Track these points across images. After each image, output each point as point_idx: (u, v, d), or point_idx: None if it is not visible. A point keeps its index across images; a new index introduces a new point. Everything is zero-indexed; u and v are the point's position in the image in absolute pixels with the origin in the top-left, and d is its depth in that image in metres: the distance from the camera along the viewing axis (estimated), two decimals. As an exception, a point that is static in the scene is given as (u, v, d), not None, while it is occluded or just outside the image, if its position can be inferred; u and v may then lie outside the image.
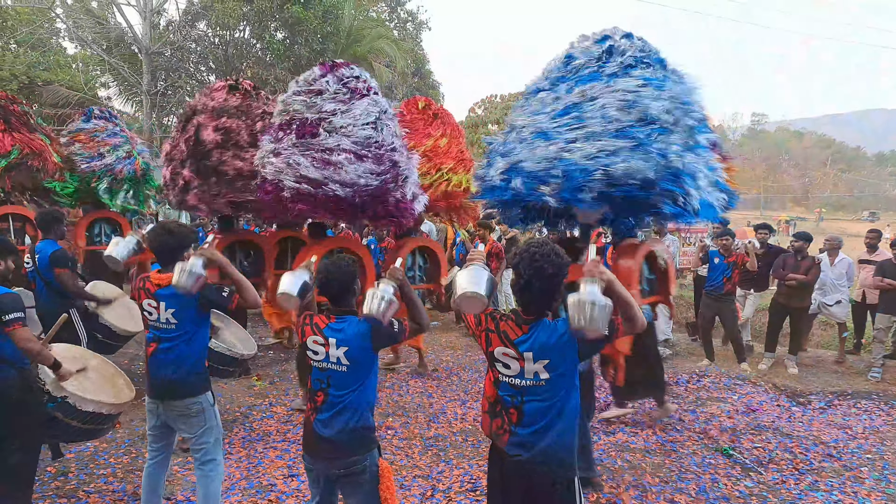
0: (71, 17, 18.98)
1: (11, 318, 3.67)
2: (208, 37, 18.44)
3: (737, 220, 19.61)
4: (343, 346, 3.02)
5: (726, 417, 6.31)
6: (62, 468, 4.84)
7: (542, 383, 2.66)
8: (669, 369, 8.02)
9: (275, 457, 5.22)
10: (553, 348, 2.63)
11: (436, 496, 4.57)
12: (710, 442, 5.68)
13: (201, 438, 3.72)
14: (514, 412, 2.73)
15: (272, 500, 4.48)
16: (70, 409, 3.95)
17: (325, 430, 3.05)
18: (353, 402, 3.05)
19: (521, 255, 2.70)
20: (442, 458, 5.26)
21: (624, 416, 6.24)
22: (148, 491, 3.81)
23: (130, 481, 4.72)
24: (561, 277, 2.66)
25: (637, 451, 5.46)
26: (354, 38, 18.29)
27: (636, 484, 4.79)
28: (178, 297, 3.57)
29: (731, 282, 8.03)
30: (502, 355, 2.73)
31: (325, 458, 3.09)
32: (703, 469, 5.10)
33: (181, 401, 3.66)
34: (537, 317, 2.71)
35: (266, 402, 6.62)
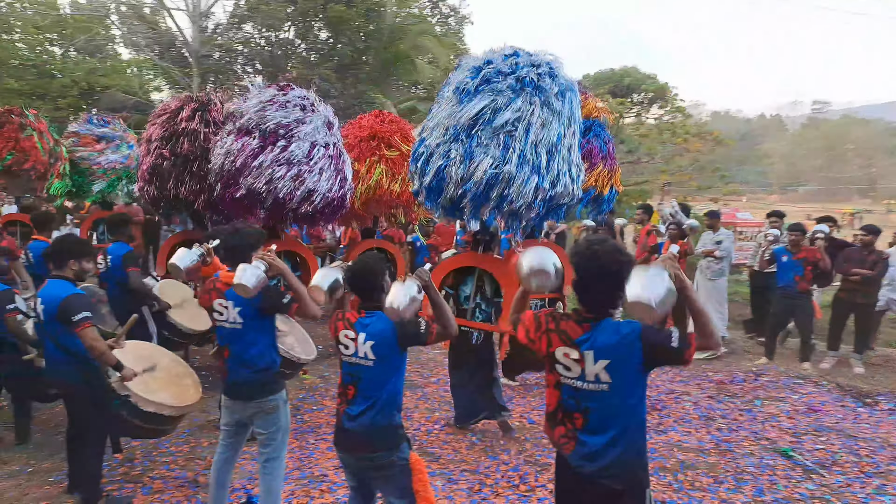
0: (125, 24, 19.57)
1: (80, 318, 3.87)
2: (254, 38, 18.74)
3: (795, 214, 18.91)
4: (370, 340, 3.05)
5: (786, 417, 6.03)
6: (128, 455, 5.03)
7: (605, 387, 2.50)
8: (724, 368, 7.75)
9: (326, 448, 5.24)
10: (615, 348, 2.47)
11: (483, 490, 4.51)
12: (768, 442, 5.44)
13: (273, 435, 3.77)
14: (579, 418, 2.58)
15: (324, 490, 4.53)
16: (132, 408, 4.06)
17: (351, 423, 3.09)
18: (381, 399, 3.06)
19: (581, 253, 2.55)
20: (489, 452, 5.19)
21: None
22: (216, 484, 3.86)
23: (191, 468, 4.87)
24: (624, 275, 2.48)
25: (690, 450, 5.26)
26: (397, 35, 18.29)
27: (689, 484, 4.60)
28: (245, 297, 3.61)
29: (804, 279, 7.57)
30: (563, 356, 2.58)
31: (350, 451, 3.14)
32: (761, 470, 4.88)
33: (258, 400, 3.71)
34: (599, 315, 2.56)
35: (316, 394, 6.69)
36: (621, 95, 18.46)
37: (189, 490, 4.52)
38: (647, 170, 17.88)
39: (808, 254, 7.54)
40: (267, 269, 3.55)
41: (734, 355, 8.48)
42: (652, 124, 17.76)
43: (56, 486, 4.52)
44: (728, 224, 12.98)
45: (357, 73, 17.18)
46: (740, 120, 68.42)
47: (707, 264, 8.88)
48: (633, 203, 14.64)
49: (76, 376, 4.08)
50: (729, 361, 8.12)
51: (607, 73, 19.85)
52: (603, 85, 18.68)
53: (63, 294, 3.95)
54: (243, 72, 19.57)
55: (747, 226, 16.34)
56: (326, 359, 8.08)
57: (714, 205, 14.93)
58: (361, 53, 17.13)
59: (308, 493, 4.48)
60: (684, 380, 7.24)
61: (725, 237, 8.88)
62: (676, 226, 8.29)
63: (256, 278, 3.47)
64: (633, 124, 17.99)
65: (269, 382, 3.75)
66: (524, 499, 4.39)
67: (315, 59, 17.58)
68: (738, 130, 57.45)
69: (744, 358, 8.35)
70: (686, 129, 16.03)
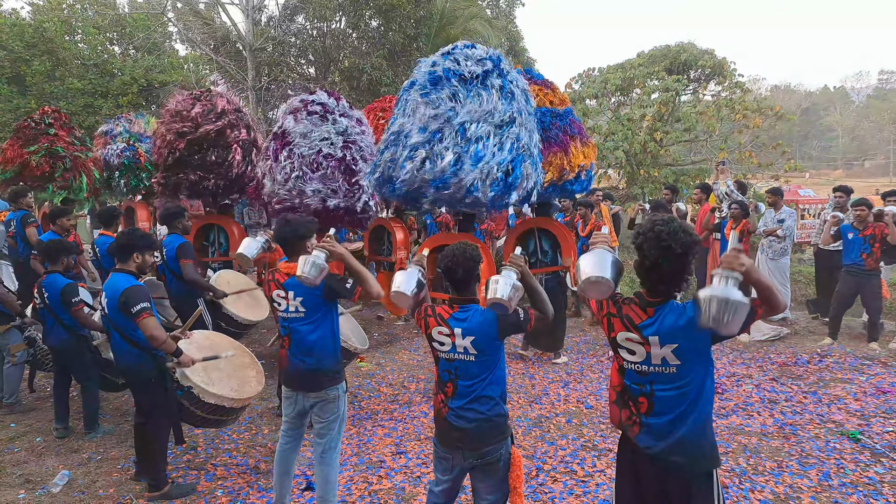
0: (181, 20, 20.06)
1: (139, 308, 4.05)
2: (306, 30, 18.91)
3: (862, 189, 18.16)
4: (469, 336, 2.97)
5: (853, 400, 5.88)
6: (191, 443, 5.23)
7: (673, 370, 2.50)
8: (787, 349, 7.59)
9: (383, 434, 5.38)
10: (682, 332, 2.45)
11: (540, 476, 4.54)
12: (834, 426, 5.31)
13: (331, 425, 3.81)
14: (644, 401, 2.58)
15: (382, 476, 4.62)
16: (194, 399, 4.28)
17: (459, 421, 3.02)
18: (485, 391, 3.00)
19: (645, 235, 2.49)
20: (546, 438, 5.21)
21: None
22: (280, 473, 3.95)
23: (252, 456, 5.04)
24: (691, 256, 2.46)
25: (753, 434, 5.19)
26: (447, 20, 18.19)
27: (753, 468, 4.56)
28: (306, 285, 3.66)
29: (871, 257, 7.31)
30: (626, 340, 2.59)
31: (460, 449, 3.06)
32: (827, 454, 4.77)
33: (320, 391, 3.76)
34: (664, 298, 2.54)
35: (373, 381, 6.81)
36: (678, 72, 18.00)
37: (251, 477, 4.67)
38: (706, 148, 17.45)
39: (876, 230, 7.28)
40: (328, 256, 3.58)
41: (797, 336, 8.28)
42: (710, 101, 17.28)
43: (124, 473, 4.71)
44: (790, 202, 12.61)
45: (409, 59, 17.17)
46: (802, 93, 65.75)
47: (769, 243, 8.69)
48: (691, 182, 14.34)
49: (142, 366, 4.25)
50: (792, 343, 7.93)
51: (663, 49, 19.31)
52: (659, 62, 18.23)
53: (123, 286, 4.13)
54: (296, 63, 19.85)
55: (810, 203, 15.82)
56: (382, 346, 8.25)
57: (775, 182, 14.49)
58: (412, 40, 17.10)
59: (367, 478, 4.57)
60: (746, 362, 7.13)
61: (788, 216, 8.65)
62: (739, 205, 8.12)
63: (319, 269, 3.51)
64: (689, 102, 17.53)
65: (331, 372, 3.77)
66: (582, 484, 4.40)
67: (366, 47, 17.66)
68: (798, 104, 55.39)
69: (807, 339, 8.14)
70: (745, 106, 15.55)
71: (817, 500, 4.12)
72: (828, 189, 11.06)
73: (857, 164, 55.28)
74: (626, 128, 15.71)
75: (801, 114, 50.91)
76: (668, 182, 14.09)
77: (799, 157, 29.86)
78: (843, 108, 64.06)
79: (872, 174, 46.94)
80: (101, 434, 5.41)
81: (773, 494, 4.19)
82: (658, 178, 15.18)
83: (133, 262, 4.34)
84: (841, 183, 10.91)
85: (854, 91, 69.38)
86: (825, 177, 40.78)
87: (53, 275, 5.22)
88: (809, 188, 18.79)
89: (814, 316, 9.15)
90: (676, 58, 18.63)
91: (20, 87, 17.97)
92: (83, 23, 20.20)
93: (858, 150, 58.01)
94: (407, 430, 5.47)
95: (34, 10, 20.32)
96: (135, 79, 18.44)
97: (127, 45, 21.01)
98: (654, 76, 16.94)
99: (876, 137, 57.36)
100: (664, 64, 18.21)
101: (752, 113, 15.51)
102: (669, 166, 16.32)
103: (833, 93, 68.28)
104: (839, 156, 57.49)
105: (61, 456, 5.05)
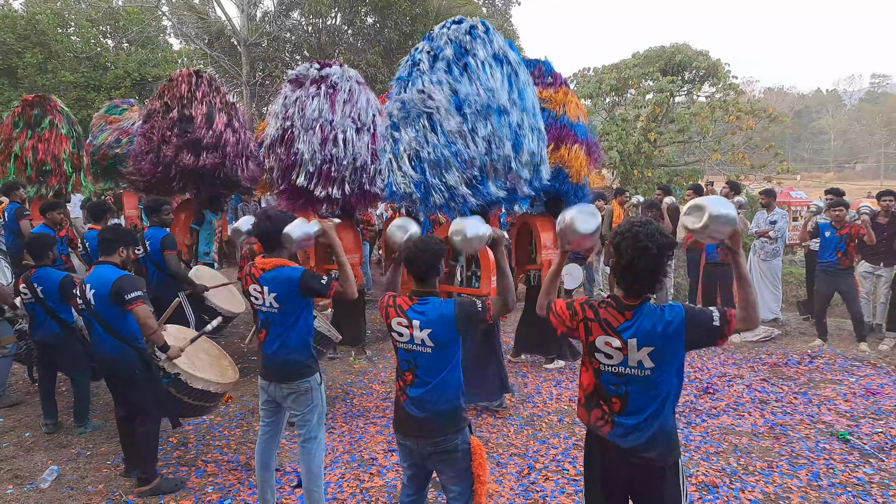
0: (175, 14, 19.95)
1: (132, 296, 4.06)
2: (302, 25, 18.89)
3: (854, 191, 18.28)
4: (427, 328, 2.99)
5: (842, 401, 5.91)
6: (182, 439, 5.21)
7: (648, 372, 2.53)
8: (778, 350, 7.62)
9: (375, 432, 5.36)
10: (659, 335, 2.49)
11: (532, 475, 4.54)
12: (824, 426, 5.34)
13: (306, 416, 3.80)
14: (617, 401, 2.61)
15: (373, 473, 4.60)
16: (182, 386, 4.27)
17: (416, 410, 3.05)
18: (442, 382, 3.03)
19: (622, 235, 2.53)
20: (538, 437, 5.22)
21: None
22: (260, 466, 3.95)
23: (243, 452, 5.01)
24: (666, 258, 2.49)
25: (743, 434, 5.21)
26: (443, 17, 18.11)
27: (743, 468, 4.58)
28: (281, 282, 3.65)
29: (847, 256, 7.46)
30: (604, 345, 2.60)
31: (415, 437, 3.09)
32: (817, 454, 4.80)
33: (293, 382, 3.75)
34: (641, 301, 2.56)
35: (365, 379, 6.79)
36: (672, 73, 18.05)
37: (241, 473, 4.65)
38: (699, 149, 17.52)
39: (852, 229, 7.39)
40: (319, 232, 3.61)
41: (788, 337, 8.33)
42: (703, 102, 17.35)
43: (114, 469, 4.68)
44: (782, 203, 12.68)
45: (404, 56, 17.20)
46: (794, 96, 66.04)
47: (761, 245, 8.73)
48: (685, 183, 14.39)
49: (126, 357, 4.21)
50: (783, 343, 7.97)
51: (657, 50, 19.35)
52: (653, 63, 18.27)
53: (113, 276, 4.12)
54: (291, 59, 19.79)
55: (802, 204, 15.94)
56: (374, 343, 8.22)
57: (768, 184, 14.56)
58: (408, 37, 17.08)
59: (358, 476, 4.56)
60: (737, 363, 7.15)
61: (780, 217, 8.68)
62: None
63: (302, 232, 3.54)
64: (684, 103, 17.60)
65: (303, 366, 3.76)
66: (573, 482, 4.40)
67: (362, 44, 17.64)
68: (791, 107, 55.62)
69: (798, 340, 8.18)
70: (739, 107, 15.62)
71: (807, 500, 4.14)
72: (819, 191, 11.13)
73: (848, 166, 55.63)
74: (620, 128, 15.75)
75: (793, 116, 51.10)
76: (661, 182, 14.14)
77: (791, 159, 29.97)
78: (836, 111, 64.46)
79: (863, 177, 47.24)
80: (91, 429, 5.37)
81: (764, 494, 4.21)
82: (652, 178, 15.24)
83: (118, 256, 4.34)
84: (832, 185, 10.98)
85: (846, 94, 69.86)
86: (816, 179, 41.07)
87: (45, 268, 5.17)
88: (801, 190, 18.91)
89: (804, 317, 9.20)
90: (671, 59, 18.68)
91: (11, 80, 17.90)
92: (76, 15, 20.12)
93: (850, 153, 58.37)
94: (397, 428, 5.46)
95: (27, 2, 20.22)
96: (128, 72, 18.38)
97: (120, 39, 20.93)
98: (648, 77, 17.01)
99: (867, 141, 57.73)
100: (659, 65, 18.27)
101: (745, 115, 15.59)
102: (663, 167, 16.39)
103: (825, 96, 68.71)
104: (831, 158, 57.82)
105: (50, 451, 5.01)
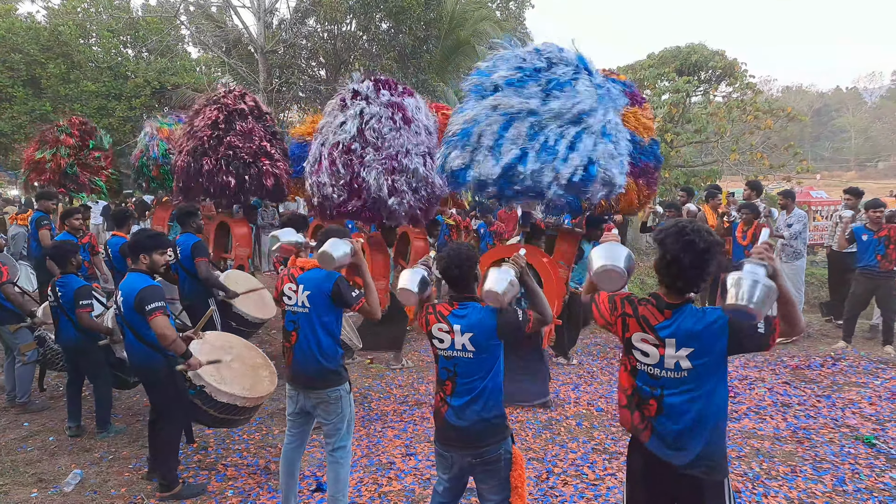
0: (193, 23, 20.14)
1: (153, 307, 4.10)
2: (317, 32, 18.95)
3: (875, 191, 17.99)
4: (468, 332, 2.98)
5: (867, 404, 5.83)
6: (202, 443, 5.26)
7: (685, 374, 2.49)
8: (800, 352, 7.54)
9: (393, 436, 5.37)
10: (700, 336, 2.45)
11: (550, 479, 4.53)
12: (848, 430, 5.27)
13: (337, 426, 3.82)
14: (654, 404, 2.57)
15: (391, 478, 4.62)
16: (207, 399, 4.30)
17: (457, 420, 3.02)
18: (483, 389, 3.00)
19: (667, 230, 2.52)
20: (557, 441, 5.20)
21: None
22: (286, 473, 3.97)
23: (262, 456, 5.05)
24: (712, 255, 2.45)
25: (766, 438, 5.16)
26: (457, 22, 18.19)
27: (766, 473, 4.52)
28: (316, 282, 3.75)
29: (886, 258, 7.30)
30: (641, 342, 2.58)
31: (458, 447, 3.07)
32: (842, 459, 4.74)
33: (322, 391, 3.78)
34: (682, 301, 2.54)
35: (382, 382, 6.82)
36: (688, 73, 17.91)
37: (261, 477, 4.69)
38: (717, 150, 17.35)
39: (891, 231, 7.24)
40: (353, 251, 3.68)
41: (810, 339, 8.23)
42: (720, 102, 17.19)
43: (136, 473, 4.74)
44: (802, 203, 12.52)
45: (418, 61, 17.18)
46: (813, 94, 65.24)
47: (783, 247, 8.62)
48: (702, 184, 14.28)
49: (154, 365, 4.30)
50: (805, 346, 7.88)
51: (673, 50, 19.20)
52: (669, 63, 18.15)
53: (140, 286, 4.19)
54: (307, 66, 19.88)
55: (822, 204, 15.72)
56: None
57: (787, 184, 14.39)
58: (422, 42, 17.09)
59: (376, 480, 4.58)
60: (758, 365, 7.08)
61: (797, 220, 8.53)
62: (748, 207, 8.07)
63: (341, 251, 3.62)
64: (700, 103, 17.44)
65: (333, 373, 3.79)
66: (592, 487, 4.39)
67: (377, 50, 17.66)
68: (810, 105, 55.00)
69: (821, 342, 8.09)
70: (756, 107, 15.46)
71: (831, 505, 4.09)
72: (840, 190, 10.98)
73: (870, 165, 54.81)
74: (636, 129, 15.61)
75: (812, 115, 50.50)
76: (679, 183, 14.03)
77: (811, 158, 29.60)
78: (856, 108, 63.50)
79: (886, 175, 46.47)
80: (113, 433, 5.44)
81: (787, 500, 4.16)
82: (669, 179, 15.11)
83: (142, 263, 4.40)
84: (853, 184, 10.83)
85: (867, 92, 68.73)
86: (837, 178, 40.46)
87: (68, 275, 5.28)
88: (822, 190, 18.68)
89: (827, 319, 9.09)
90: (687, 59, 18.54)
91: (35, 90, 18.14)
92: (98, 26, 20.37)
93: (871, 151, 57.48)
94: (417, 432, 5.46)
95: (49, 14, 20.49)
96: (148, 81, 18.58)
97: (140, 48, 21.15)
98: (664, 77, 16.88)
99: (889, 138, 56.82)
100: (675, 65, 18.13)
101: (763, 114, 15.40)
102: (680, 167, 16.23)
103: (845, 94, 67.73)
104: (852, 157, 57.01)
105: (73, 455, 5.09)
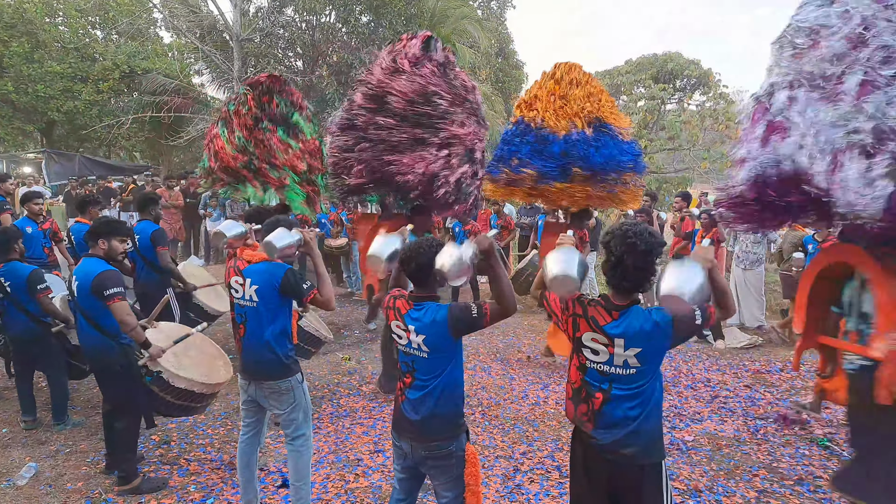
0: (167, 7, 19.76)
1: (112, 292, 4.01)
2: (295, 22, 18.76)
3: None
4: (421, 334, 2.94)
5: (823, 408, 5.95)
6: (165, 437, 5.15)
7: (633, 371, 2.61)
8: (762, 357, 7.67)
9: (361, 433, 5.34)
10: (646, 336, 2.57)
11: (517, 477, 4.55)
12: (804, 433, 5.39)
13: (291, 415, 3.78)
14: (600, 397, 2.68)
15: (359, 474, 4.59)
16: (164, 385, 4.20)
17: (412, 412, 3.01)
18: (440, 387, 2.98)
19: (612, 233, 2.66)
20: (524, 440, 5.22)
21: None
22: (242, 465, 3.92)
23: (227, 451, 4.96)
24: (654, 255, 2.59)
25: (726, 439, 5.25)
26: (438, 19, 18.15)
27: (724, 473, 4.61)
28: (263, 274, 3.65)
29: None
30: (591, 341, 2.67)
31: (409, 438, 3.05)
32: (797, 460, 4.86)
33: (273, 381, 3.73)
34: (629, 303, 2.64)
35: (352, 379, 6.76)
36: (664, 81, 18.16)
37: (225, 472, 4.61)
38: (689, 157, 17.62)
39: None
40: (301, 242, 3.61)
41: (771, 345, 8.37)
42: (694, 111, 17.46)
43: (94, 467, 4.63)
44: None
45: (398, 56, 17.21)
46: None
47: (743, 254, 8.77)
48: (673, 190, 14.48)
49: (108, 352, 4.20)
50: (766, 351, 8.02)
51: (650, 58, 19.47)
52: (645, 70, 18.38)
53: (97, 270, 4.09)
54: (284, 56, 19.67)
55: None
56: (363, 343, 8.21)
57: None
58: (402, 37, 17.12)
59: (343, 476, 4.55)
60: (721, 369, 7.19)
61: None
62: (707, 214, 8.20)
63: (285, 242, 3.52)
64: (674, 111, 17.70)
65: (282, 365, 3.73)
66: (558, 485, 4.41)
67: (356, 43, 17.54)
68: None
69: (781, 347, 8.23)
70: (729, 116, 15.73)
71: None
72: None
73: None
74: (610, 134, 15.76)
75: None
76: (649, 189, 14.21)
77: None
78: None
79: None
80: (71, 426, 5.29)
81: (744, 499, 4.24)
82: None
83: (100, 248, 4.28)
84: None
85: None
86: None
87: (11, 263, 5.06)
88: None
89: (788, 325, 9.26)
90: (663, 67, 18.79)
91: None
92: (65, 5, 19.94)
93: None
94: (385, 429, 5.42)
95: (14, -10, 20.01)
96: (117, 64, 18.24)
97: (110, 30, 20.75)
98: (640, 84, 17.10)
99: None
100: (651, 72, 18.37)
101: (735, 123, 15.68)
102: (653, 174, 16.45)
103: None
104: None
105: (28, 448, 4.96)
